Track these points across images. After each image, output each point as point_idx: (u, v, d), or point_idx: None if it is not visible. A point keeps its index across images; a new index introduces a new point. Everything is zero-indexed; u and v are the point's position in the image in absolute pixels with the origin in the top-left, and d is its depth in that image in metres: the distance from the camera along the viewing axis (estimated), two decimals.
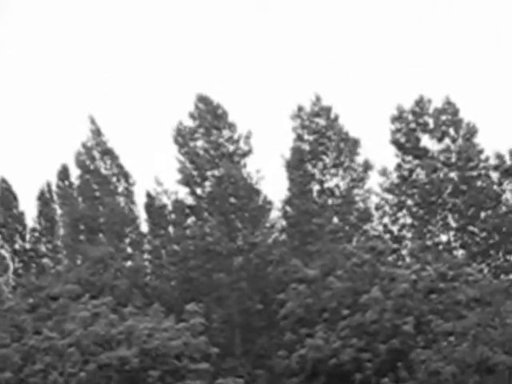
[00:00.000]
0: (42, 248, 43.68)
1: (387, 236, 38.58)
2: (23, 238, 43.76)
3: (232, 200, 37.63)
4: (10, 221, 43.82)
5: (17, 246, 43.43)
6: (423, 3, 62.35)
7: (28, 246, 43.49)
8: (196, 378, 24.18)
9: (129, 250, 40.34)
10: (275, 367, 30.92)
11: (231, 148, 38.23)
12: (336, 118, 39.77)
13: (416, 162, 39.67)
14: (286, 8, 64.47)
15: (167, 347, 24.17)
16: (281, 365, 29.34)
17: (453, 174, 39.49)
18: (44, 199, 43.84)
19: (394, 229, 39.31)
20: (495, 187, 38.74)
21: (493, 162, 38.98)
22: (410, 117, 39.80)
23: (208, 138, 38.41)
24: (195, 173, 38.18)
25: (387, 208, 39.52)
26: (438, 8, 61.59)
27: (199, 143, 38.58)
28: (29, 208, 46.52)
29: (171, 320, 25.57)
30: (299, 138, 39.56)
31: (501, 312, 26.08)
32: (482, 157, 39.34)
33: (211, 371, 25.10)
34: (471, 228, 39.01)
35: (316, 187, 39.40)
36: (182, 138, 38.53)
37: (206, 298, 33.81)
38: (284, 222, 39.22)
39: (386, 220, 39.42)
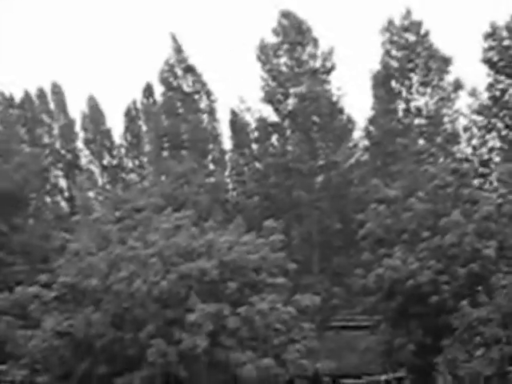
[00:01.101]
0: (129, 163, 45.02)
1: (475, 159, 37.37)
2: (111, 154, 45.18)
3: (314, 118, 37.16)
4: (99, 137, 45.25)
5: (105, 162, 44.94)
6: None
7: (115, 161, 44.89)
8: (273, 291, 24.49)
9: (211, 166, 40.94)
10: (352, 285, 31.09)
11: (315, 64, 37.44)
12: (426, 34, 38.07)
13: (509, 81, 37.73)
14: None
15: (245, 260, 24.55)
16: (358, 283, 29.42)
17: None
18: (130, 116, 44.87)
19: (483, 152, 37.98)
20: None
21: None
22: (505, 34, 37.61)
23: (291, 54, 37.68)
24: (278, 90, 37.76)
25: (475, 130, 38.10)
26: None
27: (282, 60, 37.95)
28: (116, 125, 47.78)
29: (252, 235, 25.80)
30: (387, 53, 38.17)
31: None
32: None
33: (288, 286, 25.38)
34: None
35: (402, 106, 38.28)
36: (265, 55, 37.96)
37: (285, 216, 34.04)
38: (367, 142, 38.55)
39: (474, 142, 38.10)
